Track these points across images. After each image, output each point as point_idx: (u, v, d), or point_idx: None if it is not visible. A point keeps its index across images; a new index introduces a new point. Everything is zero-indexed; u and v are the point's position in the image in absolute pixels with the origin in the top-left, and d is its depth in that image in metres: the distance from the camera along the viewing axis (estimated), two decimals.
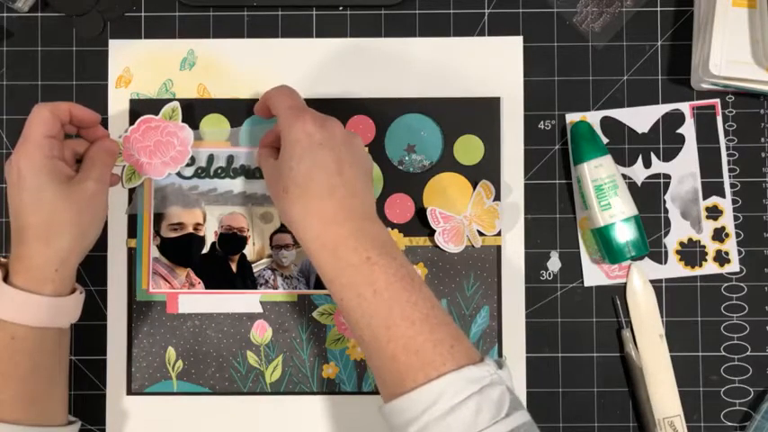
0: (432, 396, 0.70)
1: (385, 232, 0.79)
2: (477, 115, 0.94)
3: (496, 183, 0.93)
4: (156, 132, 0.92)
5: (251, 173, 0.93)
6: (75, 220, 0.80)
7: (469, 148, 0.94)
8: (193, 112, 0.94)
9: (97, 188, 0.84)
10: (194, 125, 0.94)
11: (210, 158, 0.93)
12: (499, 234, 0.93)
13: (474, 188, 0.93)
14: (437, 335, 0.73)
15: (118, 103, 0.94)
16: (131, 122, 0.93)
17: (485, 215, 0.93)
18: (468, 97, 0.94)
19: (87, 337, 0.93)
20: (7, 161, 0.81)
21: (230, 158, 0.93)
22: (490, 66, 0.95)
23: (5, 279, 0.79)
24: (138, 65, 0.95)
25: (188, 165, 0.93)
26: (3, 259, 0.81)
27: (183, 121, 0.92)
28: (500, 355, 0.93)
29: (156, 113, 0.92)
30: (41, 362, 0.80)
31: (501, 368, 0.74)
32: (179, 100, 0.93)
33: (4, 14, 0.95)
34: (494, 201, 0.93)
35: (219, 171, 0.93)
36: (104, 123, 0.93)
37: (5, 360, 0.78)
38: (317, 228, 0.77)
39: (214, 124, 0.94)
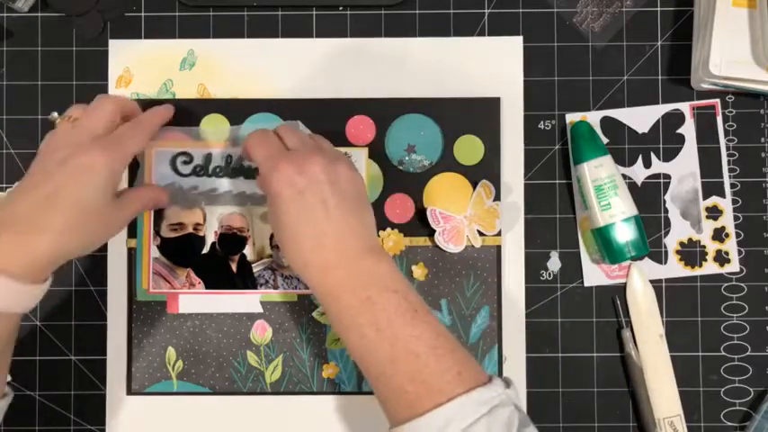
0: (442, 420, 0.71)
1: (385, 263, 0.79)
2: (476, 115, 0.94)
3: (496, 183, 0.93)
4: None
5: (250, 173, 0.93)
6: (95, 234, 0.80)
7: (469, 148, 0.94)
8: (193, 111, 0.94)
9: (125, 222, 0.85)
10: (194, 125, 0.94)
11: (208, 157, 0.93)
12: (499, 234, 0.93)
13: (474, 188, 0.93)
14: (444, 364, 0.74)
15: None
16: None
17: (485, 215, 0.93)
18: (468, 97, 0.94)
19: (87, 337, 0.93)
20: (76, 145, 0.79)
21: (229, 158, 0.93)
22: (490, 66, 0.95)
23: None
24: (138, 65, 0.95)
25: (185, 162, 0.93)
26: None
27: (183, 120, 0.93)
28: (500, 354, 0.93)
29: None
30: None
31: (508, 387, 0.75)
32: (179, 100, 0.93)
33: (4, 14, 0.95)
34: (494, 201, 0.93)
35: (218, 170, 0.93)
36: None
37: None
38: (315, 277, 0.78)
39: (214, 124, 0.94)
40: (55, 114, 0.85)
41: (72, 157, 0.77)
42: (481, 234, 0.93)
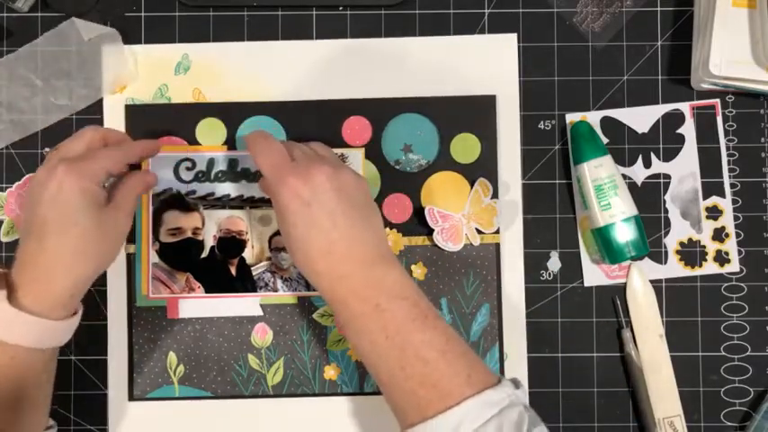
0: (453, 422, 0.72)
1: (394, 270, 0.79)
2: (472, 113, 0.94)
3: (494, 180, 0.93)
4: None
5: (252, 176, 0.93)
6: (102, 250, 0.80)
7: (466, 147, 0.94)
8: (189, 116, 0.94)
9: (128, 221, 0.84)
10: (190, 129, 0.94)
11: (211, 162, 0.93)
12: (498, 232, 0.93)
13: (471, 186, 0.93)
14: (453, 367, 0.75)
15: (113, 108, 0.94)
16: (127, 128, 0.93)
17: (483, 213, 0.93)
18: (464, 96, 0.94)
19: (87, 337, 0.93)
20: (47, 169, 0.78)
21: (231, 162, 0.93)
22: (485, 64, 0.95)
23: (10, 296, 0.76)
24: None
25: (188, 168, 0.93)
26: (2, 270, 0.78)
27: (179, 126, 0.93)
28: (501, 352, 0.93)
29: (152, 119, 0.93)
30: (33, 376, 0.79)
31: (517, 387, 0.76)
32: (174, 105, 0.94)
33: (4, 14, 0.95)
34: (491, 198, 0.93)
35: (220, 174, 0.93)
36: None
37: (2, 378, 0.76)
38: (325, 284, 0.79)
39: (210, 128, 0.93)
40: (47, 149, 0.85)
41: (44, 187, 0.77)
42: (480, 232, 0.93)
